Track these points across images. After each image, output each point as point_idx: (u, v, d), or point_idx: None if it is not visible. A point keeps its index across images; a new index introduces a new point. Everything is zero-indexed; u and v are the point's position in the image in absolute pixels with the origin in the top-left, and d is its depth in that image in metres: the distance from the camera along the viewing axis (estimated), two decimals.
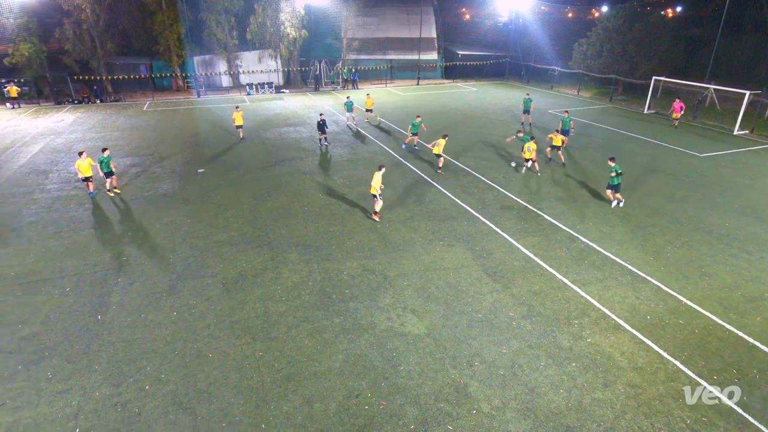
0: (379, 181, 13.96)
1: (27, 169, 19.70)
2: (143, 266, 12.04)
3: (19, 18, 33.51)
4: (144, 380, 8.33)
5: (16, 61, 34.39)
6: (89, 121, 29.07)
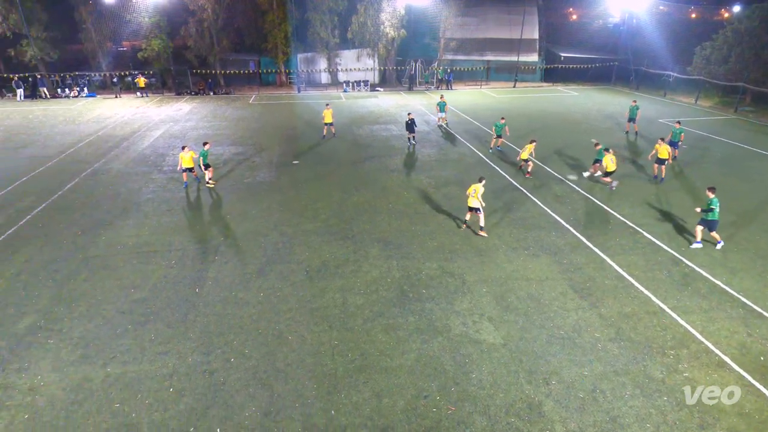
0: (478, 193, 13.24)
1: (149, 151, 22.12)
2: (237, 247, 12.98)
3: (152, 17, 37.68)
4: (230, 353, 8.99)
5: (147, 55, 38.79)
6: (203, 111, 31.94)
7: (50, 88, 38.16)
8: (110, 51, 40.84)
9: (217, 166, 19.76)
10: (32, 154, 21.71)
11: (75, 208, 15.57)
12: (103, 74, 40.49)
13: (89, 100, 36.78)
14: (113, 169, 19.50)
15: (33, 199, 16.31)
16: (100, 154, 21.64)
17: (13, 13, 35.47)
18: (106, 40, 39.95)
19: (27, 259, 12.32)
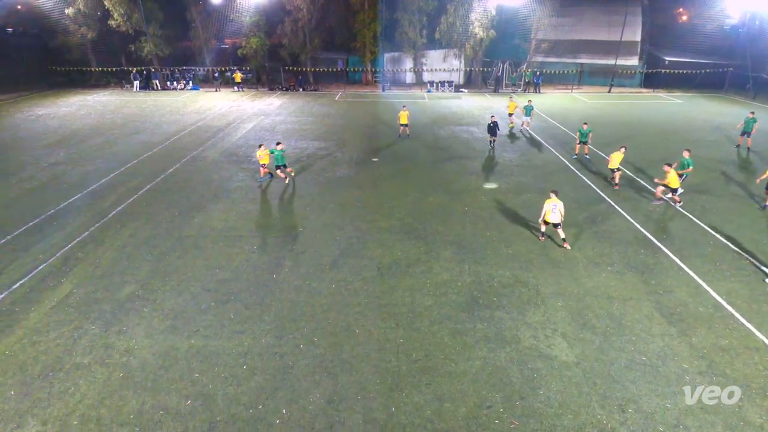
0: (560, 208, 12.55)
1: (241, 142, 23.64)
2: (314, 239, 13.48)
3: (253, 17, 40.18)
4: (300, 339, 9.37)
5: (246, 52, 41.43)
6: (291, 106, 33.52)
7: (161, 80, 42.20)
8: (214, 48, 44.17)
9: (301, 159, 20.65)
10: (143, 140, 24.09)
11: (174, 191, 17.05)
12: (206, 69, 43.92)
13: (193, 92, 40.09)
14: (208, 157, 21.08)
15: (141, 180, 18.10)
16: (199, 143, 23.49)
17: (135, 12, 39.57)
18: (211, 38, 43.26)
19: (131, 234, 13.70)
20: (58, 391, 8.09)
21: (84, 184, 17.65)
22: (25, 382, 8.29)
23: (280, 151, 17.45)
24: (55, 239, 13.37)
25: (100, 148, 22.64)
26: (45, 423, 7.48)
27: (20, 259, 12.28)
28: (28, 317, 10.01)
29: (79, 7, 39.39)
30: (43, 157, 21.16)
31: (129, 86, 42.01)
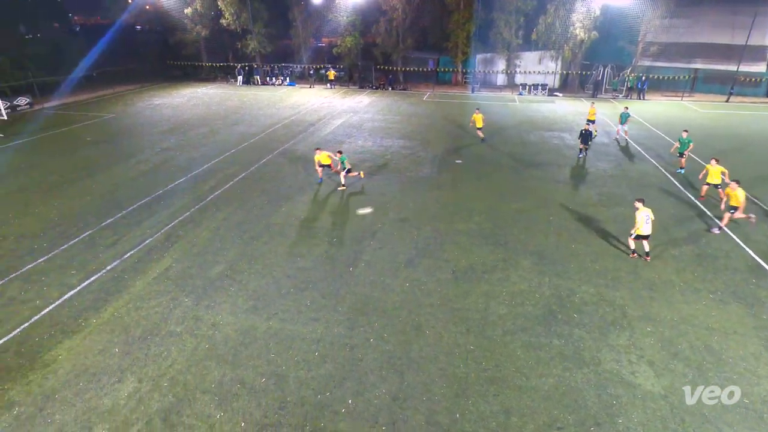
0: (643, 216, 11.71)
1: (330, 137, 24.53)
2: (392, 236, 13.63)
3: (350, 16, 41.44)
4: (370, 333, 9.54)
5: (340, 51, 42.85)
6: (380, 104, 34.12)
7: (262, 76, 45.02)
8: (311, 46, 46.23)
9: (384, 157, 20.96)
10: (242, 131, 25.87)
11: (265, 180, 18.12)
12: (302, 67, 46.09)
13: (289, 88, 42.28)
14: (299, 150, 22.12)
15: (237, 168, 19.46)
16: (291, 136, 24.73)
17: (244, 12, 42.58)
18: (310, 36, 45.31)
19: (225, 218, 14.79)
20: (153, 354, 8.97)
21: (189, 169, 19.35)
22: (127, 342, 9.30)
23: (341, 158, 17.15)
24: (161, 217, 14.81)
25: (204, 137, 24.68)
26: (140, 381, 8.34)
27: (132, 233, 13.77)
28: (135, 285, 11.20)
29: (196, 7, 43.23)
30: (157, 142, 23.53)
31: (233, 81, 45.32)
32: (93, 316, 10.09)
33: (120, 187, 17.39)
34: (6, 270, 11.79)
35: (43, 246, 12.99)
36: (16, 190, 17.13)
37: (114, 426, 7.42)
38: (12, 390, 8.15)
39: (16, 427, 7.42)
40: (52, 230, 13.94)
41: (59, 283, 11.23)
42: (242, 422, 7.49)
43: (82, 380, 8.35)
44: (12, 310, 10.24)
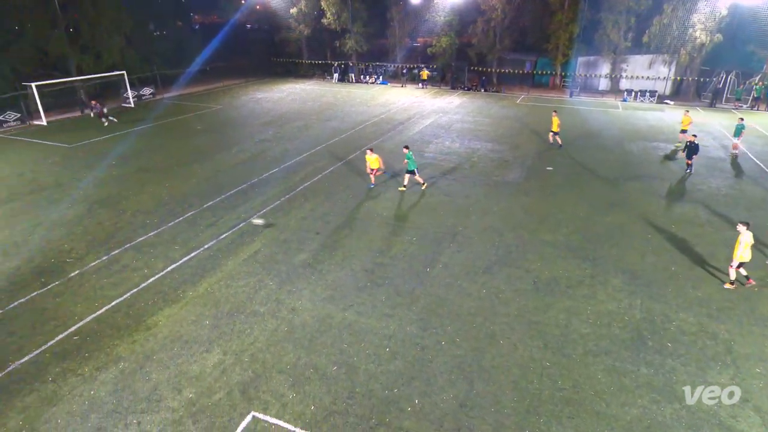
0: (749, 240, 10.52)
1: (417, 136, 24.62)
2: (472, 240, 13.38)
3: (447, 16, 41.22)
4: (442, 336, 9.46)
5: (435, 51, 42.78)
6: (470, 106, 33.58)
7: (356, 74, 46.33)
8: (406, 46, 46.63)
9: (471, 159, 20.61)
10: (333, 126, 26.84)
11: (352, 175, 18.65)
12: (395, 66, 46.68)
13: (381, 86, 43.05)
14: (386, 148, 22.46)
15: (326, 161, 20.24)
16: (380, 134, 25.19)
17: (344, 12, 44.05)
18: (405, 36, 45.74)
19: (312, 208, 15.45)
20: (238, 330, 9.64)
21: (282, 160, 20.48)
22: (217, 316, 10.08)
23: (408, 154, 16.47)
24: (255, 203, 15.84)
25: (299, 130, 25.96)
26: (225, 353, 9.00)
27: (228, 216, 14.88)
28: (227, 264, 12.11)
29: (301, 7, 45.51)
30: (256, 134, 25.18)
31: (329, 78, 47.14)
32: (190, 288, 11.06)
33: (221, 173, 18.85)
34: (124, 240, 13.32)
35: (154, 222, 14.48)
36: (137, 171, 19.26)
37: (200, 391, 8.09)
38: (120, 346, 9.20)
39: (120, 380, 8.37)
40: (163, 208, 15.49)
41: (164, 256, 12.46)
42: (312, 406, 7.80)
43: (176, 345, 9.21)
44: (125, 276, 11.55)
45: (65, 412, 7.70)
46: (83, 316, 10.07)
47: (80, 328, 9.69)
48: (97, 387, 8.21)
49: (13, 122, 27.27)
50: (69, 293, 10.88)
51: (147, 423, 7.49)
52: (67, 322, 9.88)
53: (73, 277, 11.50)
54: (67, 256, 12.49)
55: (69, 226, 14.24)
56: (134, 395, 8.04)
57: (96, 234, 13.75)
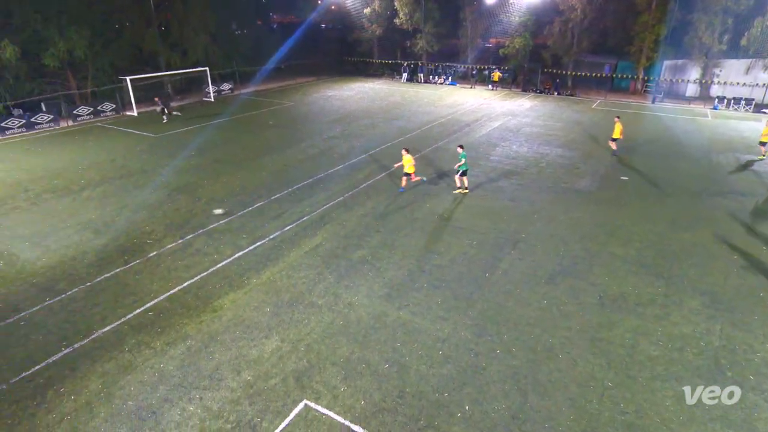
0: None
1: (484, 139, 24.16)
2: (535, 248, 12.93)
3: (522, 16, 40.04)
4: (498, 344, 9.23)
5: (507, 52, 41.72)
6: (542, 109, 32.43)
7: (425, 74, 46.23)
8: (477, 46, 45.86)
9: (539, 165, 19.91)
10: (400, 126, 26.98)
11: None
12: (465, 66, 46.06)
13: (450, 87, 42.65)
14: (450, 149, 22.22)
15: (390, 160, 20.37)
16: (445, 135, 24.98)
17: (417, 12, 44.10)
18: (477, 36, 44.99)
19: (372, 206, 15.63)
20: (296, 319, 9.96)
21: (348, 157, 20.88)
22: (277, 304, 10.48)
23: (462, 154, 16.06)
24: (319, 198, 16.28)
25: (365, 128, 26.35)
26: (282, 341, 9.34)
27: (293, 209, 15.41)
28: (289, 255, 12.55)
29: (374, 7, 46.13)
30: (324, 130, 25.87)
31: (398, 77, 47.39)
32: (254, 276, 11.59)
33: (289, 168, 19.56)
34: (198, 226, 14.20)
35: (226, 210, 15.30)
36: (212, 161, 20.44)
37: (257, 375, 8.46)
38: (188, 325, 9.82)
39: (187, 356, 8.94)
40: (234, 198, 16.33)
41: (232, 244, 13.14)
42: (362, 400, 7.90)
43: (238, 329, 9.68)
44: (197, 260, 12.31)
45: (138, 381, 8.35)
46: (158, 294, 10.86)
47: (155, 305, 10.46)
48: (166, 361, 8.83)
49: (109, 112, 29.94)
50: (147, 272, 11.77)
51: (208, 399, 7.94)
52: (144, 298, 10.70)
53: (152, 258, 12.43)
54: (147, 238, 13.52)
55: (151, 210, 15.40)
56: (198, 372, 8.56)
57: (174, 218, 14.77)
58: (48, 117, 26.91)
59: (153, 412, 7.71)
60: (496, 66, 42.90)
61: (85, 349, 9.14)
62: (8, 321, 9.92)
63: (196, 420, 7.55)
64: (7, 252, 12.73)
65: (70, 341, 9.31)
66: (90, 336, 9.47)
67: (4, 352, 9.02)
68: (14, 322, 9.90)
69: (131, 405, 7.85)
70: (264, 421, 7.50)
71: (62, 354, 8.98)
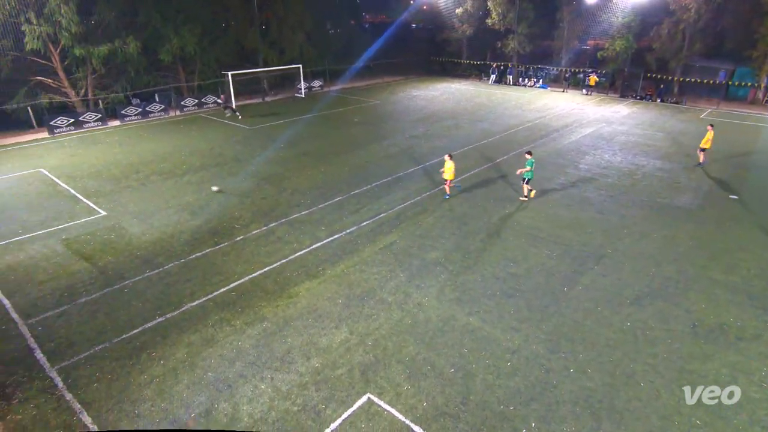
0: None
1: (573, 146, 22.94)
2: (622, 265, 12.06)
3: (626, 17, 37.35)
4: (572, 363, 8.74)
5: (606, 54, 39.16)
6: (641, 117, 30.09)
7: (515, 76, 44.79)
8: (573, 48, 43.55)
9: (633, 176, 18.51)
10: (484, 128, 26.43)
11: (495, 179, 18.18)
12: (558, 69, 43.95)
13: (540, 90, 40.98)
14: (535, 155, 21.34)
15: (471, 163, 20.06)
16: (532, 140, 24.06)
17: (511, 12, 42.82)
18: (574, 38, 42.71)
19: (450, 208, 15.48)
20: (366, 314, 10.16)
21: (429, 157, 20.85)
22: (349, 296, 10.75)
23: (529, 161, 15.56)
24: (396, 197, 16.43)
25: (448, 129, 26.13)
26: (351, 333, 9.56)
27: (371, 205, 15.70)
28: (364, 250, 12.81)
29: (467, 7, 45.51)
30: (407, 129, 26.04)
31: (486, 78, 46.38)
32: (329, 267, 11.98)
33: (371, 164, 19.94)
34: (281, 215, 14.96)
35: (307, 202, 15.96)
36: (299, 154, 21.41)
37: (325, 363, 8.75)
38: (265, 308, 10.39)
39: (262, 337, 9.47)
40: (316, 190, 16.98)
41: (311, 235, 13.68)
42: (425, 402, 7.88)
43: (311, 317, 10.07)
44: (278, 247, 12.98)
45: (218, 355, 8.99)
46: (242, 275, 11.60)
47: (238, 286, 11.19)
48: (244, 339, 9.41)
49: (211, 104, 32.45)
50: (233, 254, 12.62)
51: (278, 380, 8.36)
52: (229, 278, 11.49)
53: (239, 241, 13.30)
54: (236, 222, 14.48)
55: (240, 197, 16.48)
56: (271, 353, 9.03)
57: (260, 206, 15.68)
58: (160, 107, 29.80)
59: (229, 385, 8.27)
60: (593, 69, 40.49)
61: (175, 319, 10.01)
62: (115, 287, 11.13)
63: (266, 398, 7.98)
64: (119, 226, 14.28)
65: (163, 311, 10.25)
66: (180, 308, 10.36)
67: (110, 314, 10.14)
68: (120, 288, 11.09)
69: (210, 376, 8.47)
70: (328, 409, 7.74)
71: (156, 322, 9.91)
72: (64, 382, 8.33)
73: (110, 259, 12.35)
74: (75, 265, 12.07)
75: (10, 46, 24.67)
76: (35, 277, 11.52)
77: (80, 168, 19.46)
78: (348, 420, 7.53)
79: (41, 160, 20.49)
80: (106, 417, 7.62)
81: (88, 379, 8.39)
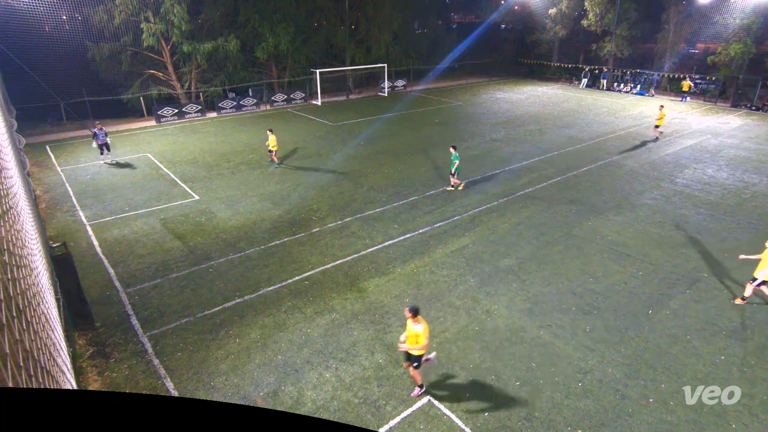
0: None
1: (670, 158, 21.12)
2: (718, 292, 10.93)
3: (745, 19, 33.66)
4: (652, 392, 8.08)
5: (718, 60, 35.52)
6: (754, 130, 26.97)
7: (609, 81, 41.99)
8: (680, 52, 40.02)
9: (741, 196, 16.66)
10: (570, 135, 25.15)
11: (579, 189, 17.23)
12: (660, 75, 40.60)
13: (637, 97, 38.13)
14: (626, 166, 19.96)
15: (554, 170, 19.17)
16: (623, 149, 22.49)
17: (610, 12, 40.21)
18: (681, 41, 39.22)
19: (528, 216, 14.92)
20: (433, 316, 10.09)
21: (508, 162, 20.25)
22: (416, 297, 10.75)
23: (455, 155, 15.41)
24: (472, 200, 16.14)
25: (531, 134, 25.18)
26: None
27: (446, 207, 15.57)
28: (435, 252, 12.73)
29: (561, 7, 43.46)
30: (488, 132, 25.46)
31: (576, 83, 44.02)
32: (399, 266, 12.06)
33: (448, 166, 19.73)
34: (357, 210, 15.31)
35: (383, 199, 16.18)
36: (378, 152, 21.75)
37: (388, 359, 8.83)
38: (335, 300, 10.69)
39: (330, 328, 9.76)
40: (391, 188, 17.16)
41: (384, 232, 13.84)
42: (486, 412, 7.68)
43: (378, 313, 10.20)
44: (351, 242, 13.29)
45: (287, 340, 9.41)
46: (315, 266, 12.03)
47: (311, 276, 11.62)
48: (313, 327, 9.76)
49: (299, 100, 33.95)
50: (309, 245, 13.12)
51: (342, 371, 8.57)
52: (303, 267, 11.97)
53: (315, 233, 13.81)
54: (313, 215, 15.04)
55: (319, 190, 17.08)
56: (337, 344, 9.28)
57: (337, 200, 16.15)
58: (252, 101, 31.71)
59: (296, 369, 8.62)
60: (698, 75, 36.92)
61: (252, 301, 10.61)
62: (202, 266, 12.03)
63: (329, 387, 8.22)
64: (209, 210, 15.40)
65: (241, 293, 10.91)
66: (257, 292, 10.96)
67: (196, 291, 10.98)
68: (206, 267, 11.97)
69: (280, 359, 8.88)
70: (388, 405, 7.81)
71: (235, 302, 10.58)
72: (153, 348, 9.15)
73: (199, 240, 13.36)
74: (169, 243, 13.21)
75: (130, 41, 27.50)
76: (136, 251, 12.77)
77: (180, 154, 21.24)
78: (407, 419, 7.55)
79: (148, 146, 22.65)
80: (185, 385, 8.27)
81: (173, 348, 9.16)
